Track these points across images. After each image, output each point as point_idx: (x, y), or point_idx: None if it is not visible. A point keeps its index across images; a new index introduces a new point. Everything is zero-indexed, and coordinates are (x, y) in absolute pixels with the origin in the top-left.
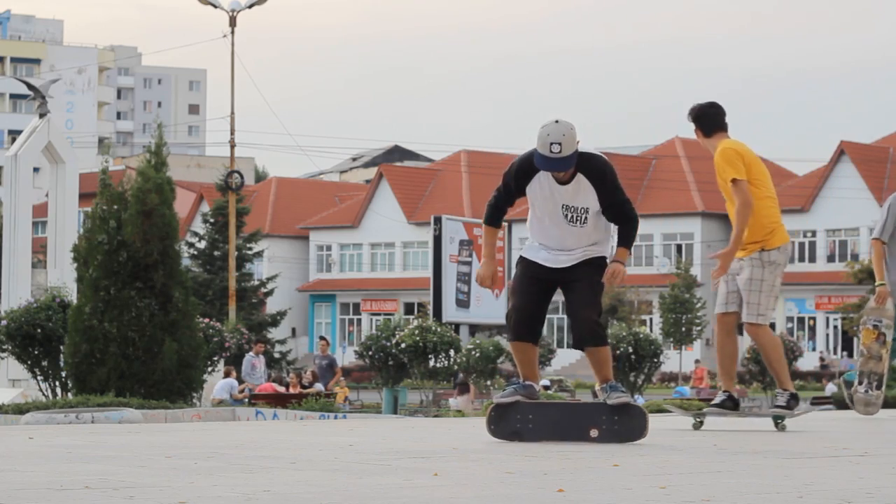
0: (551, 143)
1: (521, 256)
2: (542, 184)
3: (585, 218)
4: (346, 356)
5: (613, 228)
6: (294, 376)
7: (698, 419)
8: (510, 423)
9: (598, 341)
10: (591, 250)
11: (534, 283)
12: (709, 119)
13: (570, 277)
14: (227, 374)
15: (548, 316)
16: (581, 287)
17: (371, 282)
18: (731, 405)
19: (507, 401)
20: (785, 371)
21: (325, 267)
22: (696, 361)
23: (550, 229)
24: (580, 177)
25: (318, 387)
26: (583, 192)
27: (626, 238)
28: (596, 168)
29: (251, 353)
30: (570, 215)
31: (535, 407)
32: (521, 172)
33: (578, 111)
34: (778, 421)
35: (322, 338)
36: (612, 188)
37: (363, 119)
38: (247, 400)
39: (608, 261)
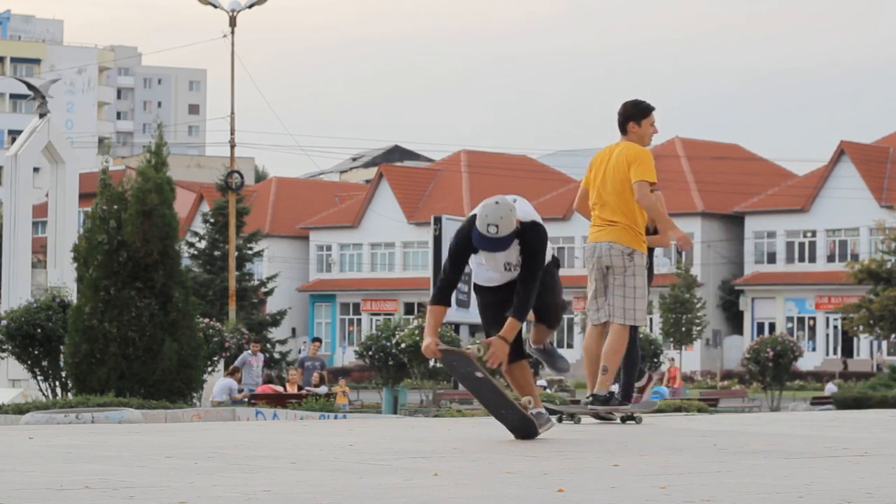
0: (488, 225)
1: (475, 284)
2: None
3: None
4: (347, 356)
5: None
6: (292, 373)
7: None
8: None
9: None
10: None
11: (497, 308)
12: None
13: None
14: (232, 374)
15: None
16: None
17: (371, 282)
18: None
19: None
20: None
21: (325, 267)
22: (671, 360)
23: (492, 272)
24: (516, 241)
25: (323, 389)
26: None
27: (520, 308)
28: (530, 240)
29: (248, 352)
30: (510, 267)
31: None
32: (460, 251)
33: (578, 111)
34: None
35: (317, 339)
36: (535, 259)
37: (363, 119)
38: (246, 400)
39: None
